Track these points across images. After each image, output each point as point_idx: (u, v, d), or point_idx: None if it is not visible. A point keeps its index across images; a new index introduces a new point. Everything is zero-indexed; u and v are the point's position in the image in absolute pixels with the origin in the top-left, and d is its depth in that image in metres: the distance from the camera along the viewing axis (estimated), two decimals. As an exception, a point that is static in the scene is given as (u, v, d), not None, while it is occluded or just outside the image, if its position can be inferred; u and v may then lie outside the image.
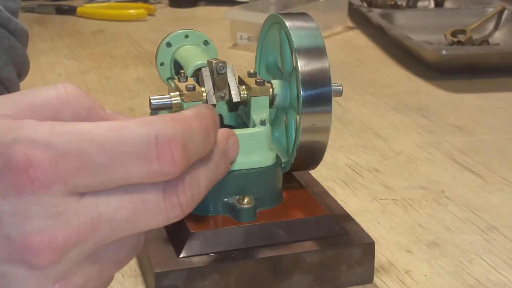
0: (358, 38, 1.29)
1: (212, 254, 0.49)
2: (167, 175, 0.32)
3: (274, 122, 0.57)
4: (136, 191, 0.33)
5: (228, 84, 0.52)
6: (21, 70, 0.66)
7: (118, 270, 0.36)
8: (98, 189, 0.32)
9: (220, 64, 0.51)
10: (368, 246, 0.51)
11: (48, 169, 0.31)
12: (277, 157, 0.53)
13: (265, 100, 0.52)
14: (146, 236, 0.36)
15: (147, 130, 0.32)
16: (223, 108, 0.54)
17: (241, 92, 0.52)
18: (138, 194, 0.33)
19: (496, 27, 1.21)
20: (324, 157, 0.53)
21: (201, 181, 0.35)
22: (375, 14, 1.24)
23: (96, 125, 0.32)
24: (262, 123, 0.52)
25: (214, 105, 0.52)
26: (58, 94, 0.34)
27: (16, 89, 0.66)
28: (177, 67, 0.60)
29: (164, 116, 0.33)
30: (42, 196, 0.31)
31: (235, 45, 1.22)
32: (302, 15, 0.53)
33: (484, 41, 1.15)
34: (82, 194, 0.32)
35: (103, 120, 0.34)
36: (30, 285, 0.32)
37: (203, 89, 0.51)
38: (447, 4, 1.40)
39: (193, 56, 0.58)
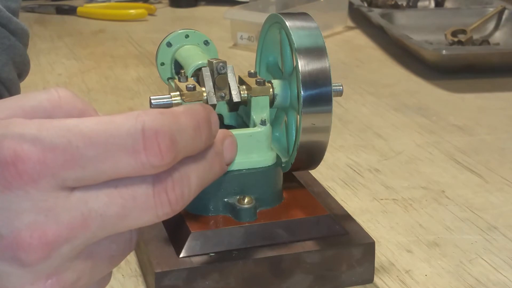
0: (359, 38, 1.29)
1: (212, 254, 0.49)
2: (155, 167, 0.32)
3: (274, 122, 0.57)
4: (125, 187, 0.33)
5: (229, 84, 0.52)
6: (22, 70, 0.66)
7: (113, 267, 0.36)
8: (87, 183, 0.32)
9: (221, 64, 0.51)
10: (368, 246, 0.51)
11: (36, 163, 0.31)
12: (278, 157, 0.53)
13: (266, 100, 0.52)
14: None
15: (134, 122, 0.32)
16: (223, 108, 0.54)
17: (242, 92, 0.52)
18: (127, 190, 0.33)
19: (496, 27, 1.21)
20: (324, 157, 0.53)
21: (192, 179, 0.35)
22: (375, 14, 1.24)
23: (83, 119, 0.32)
24: (263, 123, 0.52)
25: (215, 105, 0.52)
26: (51, 97, 0.34)
27: (17, 89, 0.66)
28: (178, 67, 0.60)
29: (152, 110, 0.33)
30: (31, 191, 0.31)
31: (235, 45, 1.22)
32: (303, 15, 0.53)
33: (485, 41, 1.15)
34: (72, 189, 0.32)
35: None
36: (22, 282, 0.32)
37: (203, 89, 0.51)
38: (447, 4, 1.41)
39: (193, 56, 0.58)
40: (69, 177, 0.31)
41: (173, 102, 0.50)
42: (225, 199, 0.51)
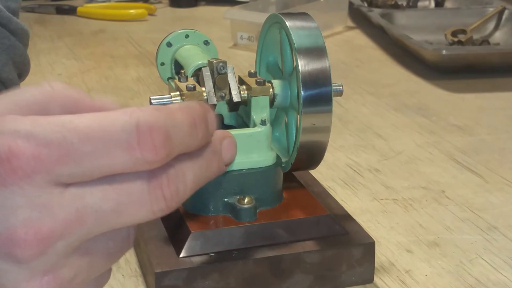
0: (359, 38, 1.29)
1: (212, 254, 0.49)
2: (149, 163, 0.32)
3: (274, 122, 0.57)
4: (120, 183, 0.33)
5: (229, 84, 0.52)
6: (22, 70, 0.66)
7: (111, 265, 0.36)
8: (82, 179, 0.32)
9: (221, 64, 0.51)
10: (369, 246, 0.51)
11: (31, 159, 0.31)
12: (278, 157, 0.53)
13: (266, 100, 0.52)
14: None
15: (129, 118, 0.32)
16: (223, 108, 0.54)
17: (242, 92, 0.52)
18: (122, 186, 0.33)
19: (496, 27, 1.21)
20: (325, 157, 0.53)
21: (187, 177, 0.35)
22: (375, 14, 1.24)
23: (78, 115, 0.32)
24: (263, 123, 0.52)
25: (215, 105, 0.52)
26: (44, 90, 0.34)
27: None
28: (178, 67, 0.60)
29: (147, 106, 0.33)
30: (26, 187, 0.31)
31: (235, 45, 1.22)
32: (303, 15, 0.53)
33: (485, 41, 1.15)
34: (67, 185, 0.32)
35: (93, 110, 0.34)
36: (18, 279, 0.32)
37: (203, 89, 0.51)
38: (447, 4, 1.40)
39: (193, 56, 0.58)
40: (63, 173, 0.31)
41: (173, 102, 0.50)
42: (225, 199, 0.51)
